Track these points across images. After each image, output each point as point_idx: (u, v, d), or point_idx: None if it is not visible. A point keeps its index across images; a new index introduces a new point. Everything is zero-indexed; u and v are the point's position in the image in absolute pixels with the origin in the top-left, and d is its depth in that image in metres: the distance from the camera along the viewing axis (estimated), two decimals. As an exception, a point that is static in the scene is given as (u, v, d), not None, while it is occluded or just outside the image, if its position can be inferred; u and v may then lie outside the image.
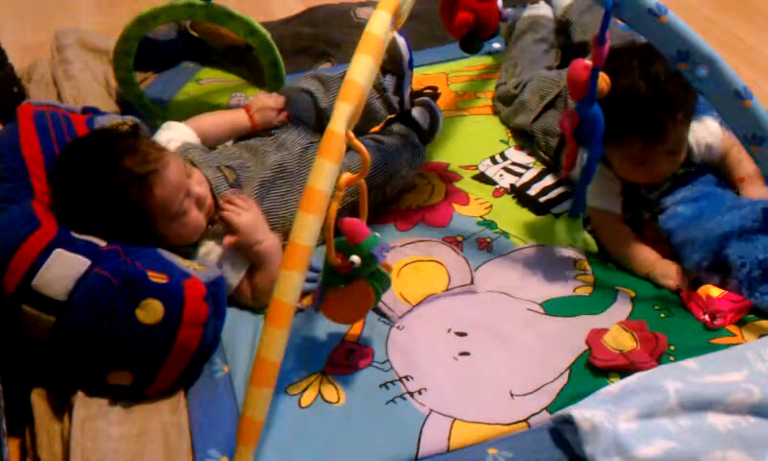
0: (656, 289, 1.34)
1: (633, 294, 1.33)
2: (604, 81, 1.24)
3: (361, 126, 1.56)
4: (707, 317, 1.25)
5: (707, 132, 1.44)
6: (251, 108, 1.52)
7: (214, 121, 1.51)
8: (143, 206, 1.21)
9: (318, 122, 1.53)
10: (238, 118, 1.52)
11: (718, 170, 1.46)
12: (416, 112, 1.62)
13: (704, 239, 1.29)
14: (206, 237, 1.33)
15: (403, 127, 1.55)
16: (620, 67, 1.30)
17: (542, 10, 1.92)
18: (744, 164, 1.42)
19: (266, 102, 1.52)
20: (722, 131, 1.45)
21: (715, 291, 1.26)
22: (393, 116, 1.60)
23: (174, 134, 1.44)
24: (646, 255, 1.37)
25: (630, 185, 1.43)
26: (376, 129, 1.60)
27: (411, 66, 1.58)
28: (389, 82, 1.56)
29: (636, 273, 1.36)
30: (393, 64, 1.55)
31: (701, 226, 1.30)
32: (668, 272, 1.33)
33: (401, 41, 1.52)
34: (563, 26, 1.89)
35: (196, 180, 1.30)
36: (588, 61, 1.22)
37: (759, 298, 1.25)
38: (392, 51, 1.53)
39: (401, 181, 1.51)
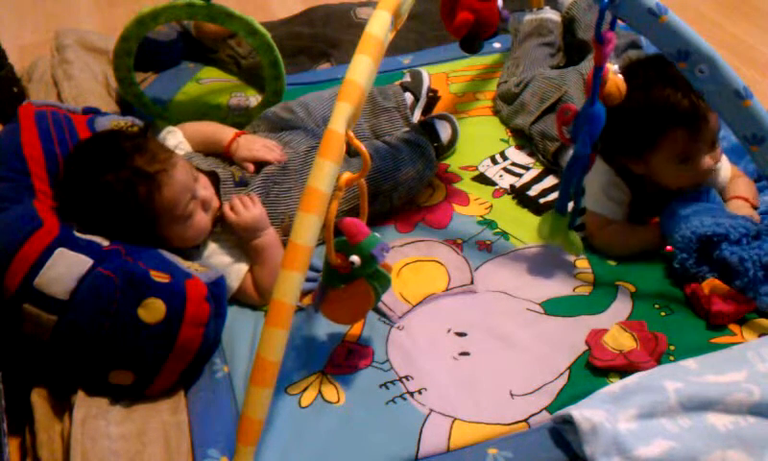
0: (656, 285, 1.34)
1: (633, 289, 1.34)
2: (616, 86, 1.23)
3: (378, 131, 1.62)
4: (708, 311, 1.25)
5: None
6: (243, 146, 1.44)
7: (199, 128, 1.50)
8: (150, 205, 1.21)
9: None
10: (221, 136, 1.47)
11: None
12: (439, 126, 1.64)
13: (686, 238, 1.28)
14: (210, 239, 1.33)
15: (422, 137, 1.56)
16: (639, 79, 1.31)
17: (548, 13, 1.92)
18: (740, 188, 1.43)
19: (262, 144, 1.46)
20: (732, 166, 1.46)
21: (720, 287, 1.26)
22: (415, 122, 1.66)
23: (179, 140, 1.45)
24: (653, 235, 1.39)
25: (639, 197, 1.43)
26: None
27: (428, 94, 1.72)
28: (406, 99, 1.66)
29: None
30: (414, 85, 1.71)
31: (687, 224, 1.30)
32: None
33: (425, 72, 1.75)
34: (567, 23, 1.89)
35: (202, 184, 1.31)
36: (614, 67, 1.23)
37: (759, 299, 1.25)
38: (414, 75, 1.74)
39: (409, 191, 1.51)
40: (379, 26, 1.02)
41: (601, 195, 1.41)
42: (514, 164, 1.65)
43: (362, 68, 1.00)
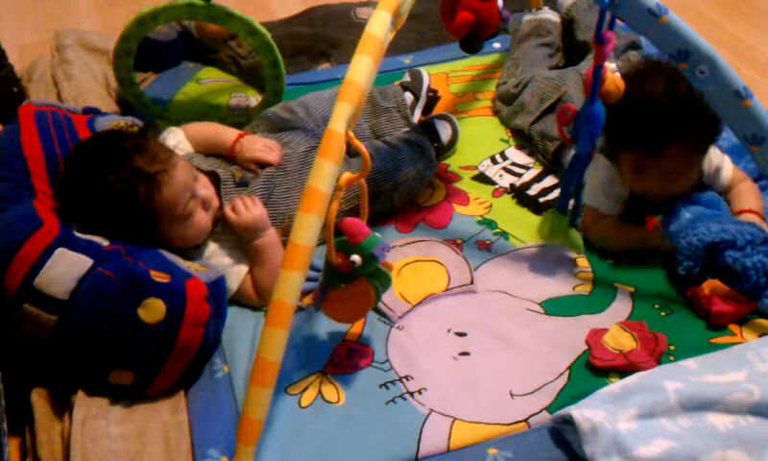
0: (656, 285, 1.34)
1: (632, 290, 1.34)
2: (615, 84, 1.23)
3: (378, 131, 1.61)
4: (708, 312, 1.25)
5: (720, 158, 1.43)
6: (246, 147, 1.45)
7: (201, 129, 1.51)
8: (150, 205, 1.21)
9: None
10: (224, 137, 1.48)
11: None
12: (439, 126, 1.64)
13: (693, 246, 1.28)
14: (210, 239, 1.33)
15: (422, 137, 1.56)
16: (646, 76, 1.32)
17: (547, 13, 1.93)
18: (748, 200, 1.42)
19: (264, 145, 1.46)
20: (734, 166, 1.45)
21: (720, 287, 1.26)
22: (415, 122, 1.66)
23: (179, 140, 1.45)
24: (647, 233, 1.40)
25: (639, 195, 1.43)
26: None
27: (428, 94, 1.72)
28: (406, 98, 1.66)
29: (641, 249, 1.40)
30: (414, 85, 1.71)
31: (693, 231, 1.30)
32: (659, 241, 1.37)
33: (425, 72, 1.75)
34: (567, 24, 1.89)
35: (202, 183, 1.31)
36: (612, 66, 1.23)
37: (760, 300, 1.25)
38: (414, 75, 1.73)
39: (410, 191, 1.51)
40: (379, 26, 1.02)
41: (599, 190, 1.42)
42: (514, 164, 1.65)
43: (362, 68, 1.00)
